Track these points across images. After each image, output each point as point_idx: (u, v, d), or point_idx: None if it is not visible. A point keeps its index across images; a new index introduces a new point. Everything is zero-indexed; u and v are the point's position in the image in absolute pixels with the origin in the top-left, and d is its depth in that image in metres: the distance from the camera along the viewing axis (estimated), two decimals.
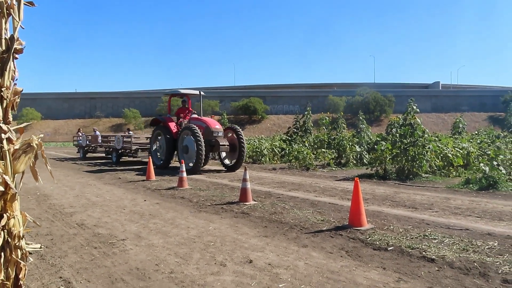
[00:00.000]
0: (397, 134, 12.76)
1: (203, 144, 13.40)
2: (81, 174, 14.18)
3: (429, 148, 11.76)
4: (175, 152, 15.49)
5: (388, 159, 12.26)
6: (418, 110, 13.21)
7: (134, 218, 6.79)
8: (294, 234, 5.63)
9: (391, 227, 5.87)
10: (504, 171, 10.17)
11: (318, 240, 5.30)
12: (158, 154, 16.01)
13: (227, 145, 14.48)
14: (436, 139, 14.69)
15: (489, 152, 12.02)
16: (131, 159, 20.61)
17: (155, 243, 5.25)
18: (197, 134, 13.47)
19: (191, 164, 13.70)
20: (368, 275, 4.03)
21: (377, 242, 5.09)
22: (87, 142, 22.45)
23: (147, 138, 18.81)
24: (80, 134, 24.23)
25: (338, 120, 24.51)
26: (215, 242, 5.27)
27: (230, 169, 14.93)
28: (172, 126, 15.42)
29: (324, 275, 4.02)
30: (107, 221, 6.54)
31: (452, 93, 73.21)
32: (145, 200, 8.50)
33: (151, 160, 12.89)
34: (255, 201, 8.02)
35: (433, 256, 4.52)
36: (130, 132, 24.80)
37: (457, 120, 26.69)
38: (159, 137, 15.86)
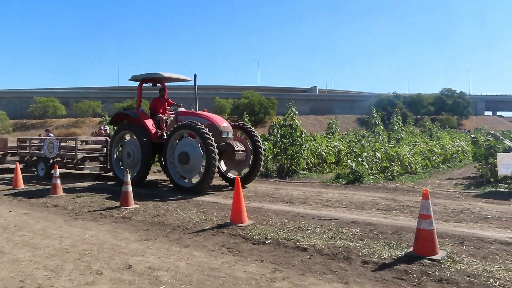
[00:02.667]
0: (278, 135, 13.53)
1: (215, 148, 9.01)
2: None
3: (305, 147, 12.72)
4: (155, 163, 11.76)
5: (270, 158, 12.92)
6: (297, 112, 14.14)
7: None
8: (177, 235, 5.59)
9: (270, 221, 6.21)
10: (367, 166, 11.48)
11: (200, 239, 5.35)
12: (124, 164, 11.01)
13: (243, 151, 10.03)
14: (312, 139, 15.94)
15: (355, 150, 13.46)
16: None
17: (20, 257, 4.74)
18: (206, 135, 9.00)
19: (190, 180, 9.56)
20: (247, 268, 4.20)
21: (257, 237, 5.33)
22: None
23: (97, 142, 13.64)
24: None
25: None
26: (92, 250, 4.96)
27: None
28: (150, 124, 10.74)
29: (205, 273, 4.08)
30: None
31: (327, 97, 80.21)
32: (10, 211, 7.59)
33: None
34: (137, 204, 7.74)
35: (306, 246, 4.90)
36: (50, 134, 17.03)
37: (331, 121, 29.29)
38: (127, 141, 11.31)
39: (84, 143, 13.94)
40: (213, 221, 6.30)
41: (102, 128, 15.93)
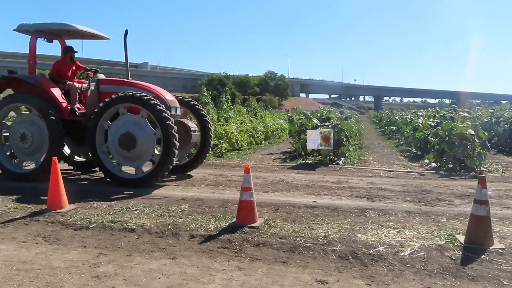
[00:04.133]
0: None
1: (175, 128, 7.04)
2: None
3: None
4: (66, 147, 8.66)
5: None
6: None
7: None
8: None
9: (95, 205, 5.84)
10: None
11: (9, 230, 4.69)
12: (14, 150, 8.01)
13: (198, 133, 8.51)
14: None
15: None
16: None
17: None
18: (160, 107, 6.95)
19: (140, 169, 7.25)
20: (67, 256, 3.88)
21: (79, 222, 4.96)
22: None
23: None
24: None
25: None
26: None
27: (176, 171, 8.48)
28: (59, 96, 7.81)
29: (14, 268, 3.60)
30: None
31: (160, 74, 78.71)
32: None
33: None
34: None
35: (134, 226, 4.79)
36: None
37: None
38: (16, 118, 8.18)
39: None
40: (25, 209, 5.57)
41: None
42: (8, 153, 8.18)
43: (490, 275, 3.40)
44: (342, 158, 10.79)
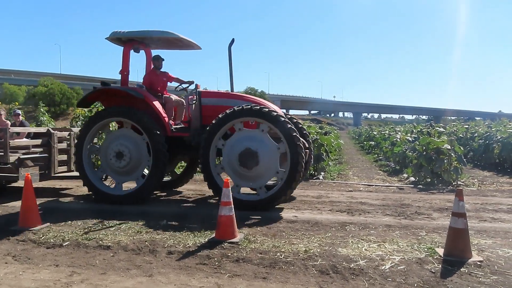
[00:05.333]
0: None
1: (301, 141, 6.42)
2: None
3: None
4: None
5: None
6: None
7: None
8: None
9: (69, 222, 5.65)
10: None
11: None
12: (106, 170, 7.31)
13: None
14: None
15: None
16: None
17: None
18: (286, 122, 6.34)
19: (263, 189, 6.47)
20: (38, 276, 3.72)
21: (52, 240, 4.78)
22: None
23: (49, 131, 7.96)
24: None
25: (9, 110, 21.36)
26: None
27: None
28: (161, 110, 7.22)
29: None
30: None
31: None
32: None
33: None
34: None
35: (109, 243, 4.64)
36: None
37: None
38: (111, 134, 7.45)
39: (14, 136, 8.10)
40: None
41: (15, 112, 9.60)
42: (102, 178, 7.53)
43: (469, 287, 3.41)
44: (322, 173, 10.82)
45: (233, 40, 7.19)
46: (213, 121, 6.52)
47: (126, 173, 7.07)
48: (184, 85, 7.83)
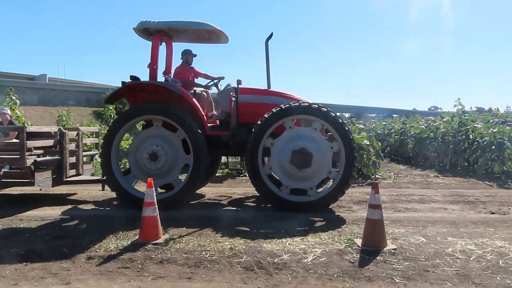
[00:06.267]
0: None
1: (354, 140, 6.25)
2: None
3: None
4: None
5: None
6: (18, 101, 12.21)
7: None
8: None
9: None
10: None
11: None
12: (139, 178, 6.66)
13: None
14: None
15: None
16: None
17: None
18: (342, 121, 6.14)
19: (314, 190, 6.22)
20: None
21: None
22: None
23: (61, 130, 7.12)
24: None
25: None
26: None
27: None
28: (199, 106, 6.66)
29: None
30: None
31: (59, 87, 73.09)
32: None
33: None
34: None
35: (22, 252, 4.31)
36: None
37: (61, 113, 26.84)
38: (143, 133, 6.64)
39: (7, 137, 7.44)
40: None
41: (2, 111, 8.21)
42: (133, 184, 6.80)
43: (384, 274, 3.64)
44: None
45: (271, 35, 6.78)
46: (262, 120, 6.15)
47: (160, 175, 6.45)
48: (215, 81, 7.44)
